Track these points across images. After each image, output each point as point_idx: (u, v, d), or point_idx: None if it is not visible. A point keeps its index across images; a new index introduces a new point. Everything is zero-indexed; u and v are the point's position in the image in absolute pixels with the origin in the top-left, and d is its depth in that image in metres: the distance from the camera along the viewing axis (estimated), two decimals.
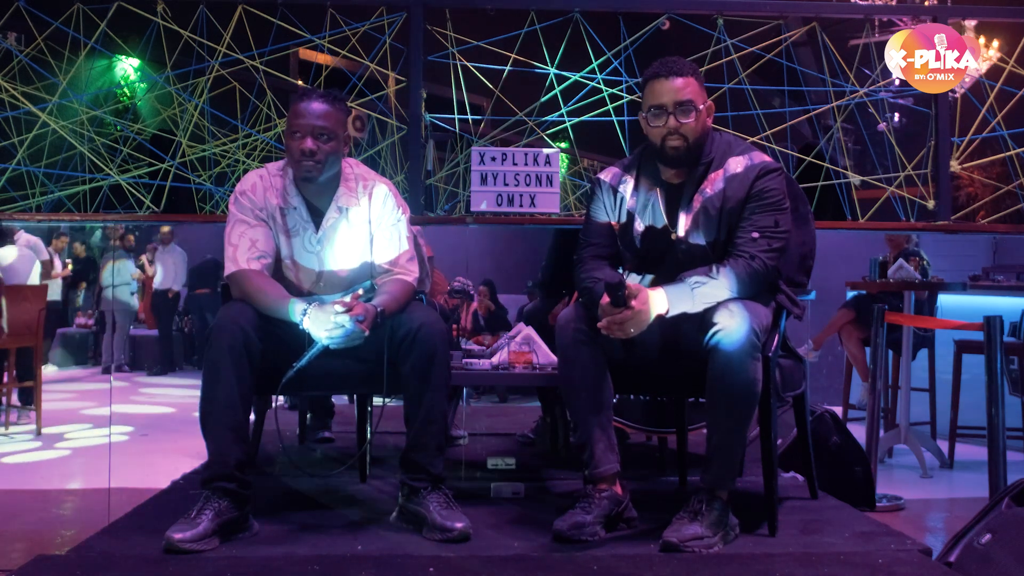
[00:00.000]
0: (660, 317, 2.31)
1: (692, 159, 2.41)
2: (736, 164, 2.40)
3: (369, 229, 2.56)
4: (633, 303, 2.24)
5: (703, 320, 2.31)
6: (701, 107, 2.39)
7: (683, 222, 2.42)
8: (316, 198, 2.53)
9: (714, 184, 2.40)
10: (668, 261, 2.44)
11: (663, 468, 3.33)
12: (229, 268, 2.46)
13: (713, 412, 2.31)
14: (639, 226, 2.47)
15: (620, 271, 2.51)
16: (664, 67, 2.41)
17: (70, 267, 8.74)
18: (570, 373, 2.38)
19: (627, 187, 2.50)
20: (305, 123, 2.42)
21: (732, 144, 2.46)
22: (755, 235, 2.36)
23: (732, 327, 2.23)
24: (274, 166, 2.59)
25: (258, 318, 2.36)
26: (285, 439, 3.65)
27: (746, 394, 2.26)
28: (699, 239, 2.41)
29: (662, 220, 2.45)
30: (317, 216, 2.53)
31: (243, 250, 2.45)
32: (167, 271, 8.55)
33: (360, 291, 2.41)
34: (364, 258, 2.57)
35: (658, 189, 2.46)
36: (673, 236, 2.43)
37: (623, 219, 2.50)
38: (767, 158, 2.44)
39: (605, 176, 2.55)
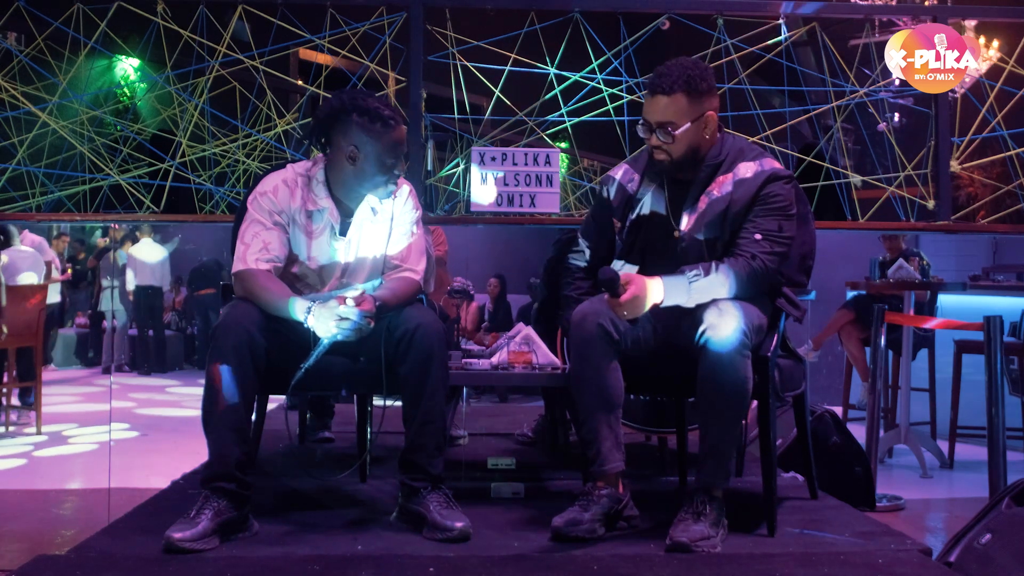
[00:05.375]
0: (655, 307, 2.32)
1: (681, 169, 2.43)
2: (746, 169, 2.41)
3: (390, 226, 2.58)
4: (629, 288, 2.26)
5: (696, 319, 2.31)
6: (688, 124, 2.37)
7: (686, 220, 2.44)
8: (349, 198, 2.53)
9: (722, 187, 2.41)
10: (668, 257, 2.45)
11: (663, 468, 3.33)
12: (237, 266, 2.45)
13: (704, 412, 2.32)
14: (641, 220, 2.50)
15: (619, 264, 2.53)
16: (654, 82, 2.40)
17: (70, 271, 8.75)
18: (583, 368, 2.38)
19: (634, 183, 2.54)
20: (404, 149, 2.55)
21: (745, 149, 2.47)
22: (757, 236, 2.37)
23: (721, 326, 2.24)
24: (300, 167, 2.57)
25: (263, 318, 2.35)
26: (285, 439, 3.65)
27: (736, 393, 2.26)
28: (702, 237, 2.42)
29: (665, 215, 2.47)
30: (346, 215, 2.54)
31: (254, 250, 2.44)
32: (142, 269, 8.55)
33: (363, 291, 2.41)
34: (383, 253, 2.59)
35: (664, 185, 2.49)
36: (676, 233, 2.45)
37: (628, 213, 2.52)
38: (778, 165, 2.45)
39: (615, 173, 2.59)
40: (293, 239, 2.52)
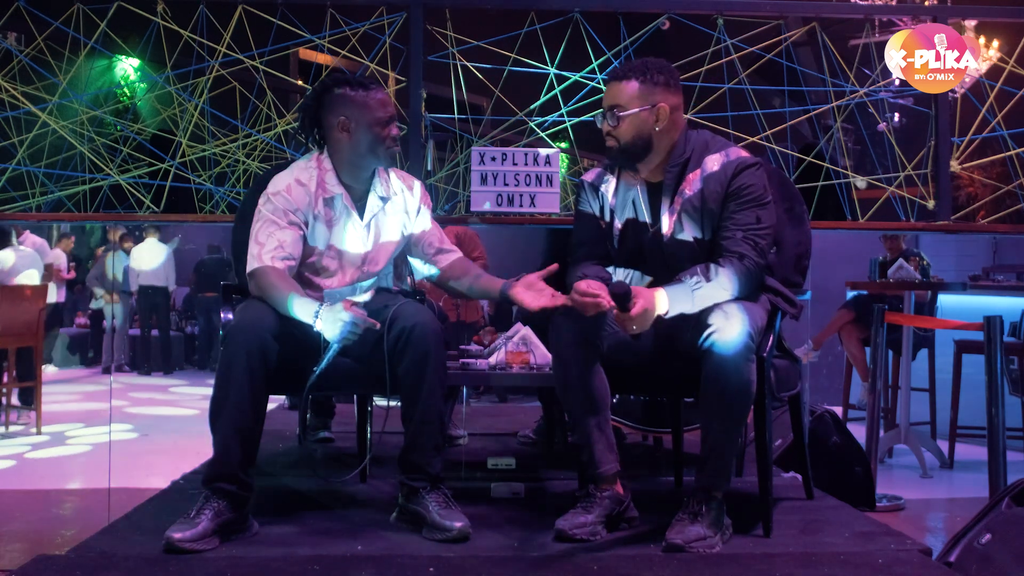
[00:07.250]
0: (659, 318, 2.31)
1: (630, 159, 2.44)
2: (713, 163, 2.40)
3: (404, 216, 2.63)
4: (637, 301, 2.24)
5: (698, 321, 2.31)
6: (635, 109, 2.38)
7: (666, 222, 2.44)
8: (357, 185, 2.57)
9: (692, 184, 2.41)
10: (654, 257, 2.47)
11: (659, 468, 3.33)
12: (251, 264, 2.45)
13: (707, 414, 2.31)
14: (619, 224, 2.50)
15: (612, 270, 2.53)
16: (611, 71, 2.48)
17: (74, 272, 8.74)
18: (565, 374, 2.38)
19: (609, 187, 2.53)
20: (392, 111, 2.52)
21: (709, 142, 2.46)
22: (739, 235, 2.36)
23: (727, 329, 2.23)
24: (302, 163, 2.58)
25: (276, 321, 2.35)
26: (285, 439, 3.65)
27: (741, 395, 2.26)
28: (685, 236, 2.42)
29: (644, 217, 2.47)
30: (359, 201, 2.57)
31: (269, 248, 2.44)
32: (144, 268, 8.55)
33: (367, 296, 2.41)
34: (399, 241, 2.65)
35: (638, 187, 2.48)
36: (652, 230, 2.45)
37: (607, 217, 2.53)
38: (744, 153, 2.44)
39: (588, 177, 2.59)
40: (314, 232, 2.53)
